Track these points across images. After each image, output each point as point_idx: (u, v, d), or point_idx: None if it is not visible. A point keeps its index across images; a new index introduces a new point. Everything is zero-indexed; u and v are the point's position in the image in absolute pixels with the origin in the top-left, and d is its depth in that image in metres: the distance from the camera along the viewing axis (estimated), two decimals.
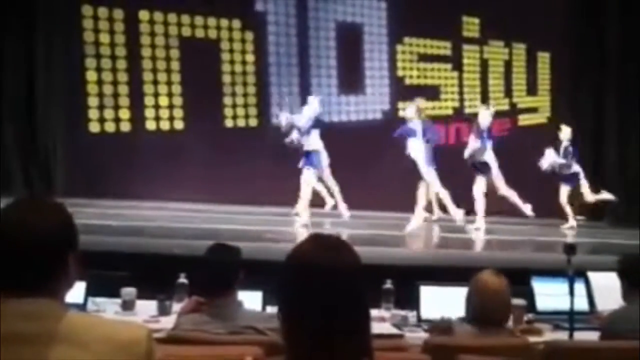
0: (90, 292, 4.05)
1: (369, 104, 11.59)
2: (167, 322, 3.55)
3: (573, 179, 9.81)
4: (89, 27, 10.48)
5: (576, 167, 9.75)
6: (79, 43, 10.41)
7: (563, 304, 3.87)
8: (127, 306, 4.04)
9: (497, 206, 9.38)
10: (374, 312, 3.88)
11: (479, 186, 8.98)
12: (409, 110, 9.00)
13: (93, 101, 10.46)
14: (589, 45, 11.02)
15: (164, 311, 3.99)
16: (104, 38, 10.55)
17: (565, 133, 9.80)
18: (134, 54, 10.60)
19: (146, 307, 4.07)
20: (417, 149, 8.64)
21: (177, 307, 3.85)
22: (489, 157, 9.05)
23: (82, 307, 3.93)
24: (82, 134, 10.24)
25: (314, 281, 1.48)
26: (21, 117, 9.78)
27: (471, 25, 11.88)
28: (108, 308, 4.05)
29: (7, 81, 9.88)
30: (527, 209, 9.25)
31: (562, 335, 3.83)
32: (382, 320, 3.98)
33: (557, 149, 9.76)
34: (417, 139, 8.66)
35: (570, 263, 3.79)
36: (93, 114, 10.45)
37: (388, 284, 4.31)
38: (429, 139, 8.71)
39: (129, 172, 9.84)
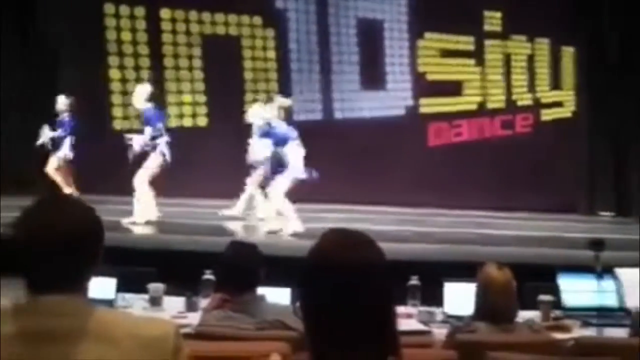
0: (119, 288, 4.09)
1: (391, 100, 11.55)
2: (194, 318, 3.56)
3: None
4: (111, 25, 10.58)
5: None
6: (102, 41, 10.50)
7: (590, 301, 3.83)
8: (155, 302, 4.07)
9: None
10: (400, 309, 3.89)
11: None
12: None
13: (117, 99, 10.55)
14: (612, 40, 10.89)
15: (191, 307, 4.01)
16: (126, 36, 10.63)
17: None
18: (155, 51, 10.67)
19: (174, 303, 4.09)
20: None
21: (203, 302, 3.86)
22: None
23: (111, 303, 3.96)
24: (106, 131, 10.32)
25: (336, 278, 1.43)
26: (43, 115, 9.84)
27: (493, 20, 11.79)
28: (136, 304, 4.09)
29: (31, 79, 9.99)
30: None
31: (591, 332, 3.79)
32: (408, 317, 3.97)
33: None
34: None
35: (598, 259, 3.74)
36: (117, 111, 10.55)
37: (414, 280, 4.29)
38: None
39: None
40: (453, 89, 11.65)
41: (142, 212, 7.84)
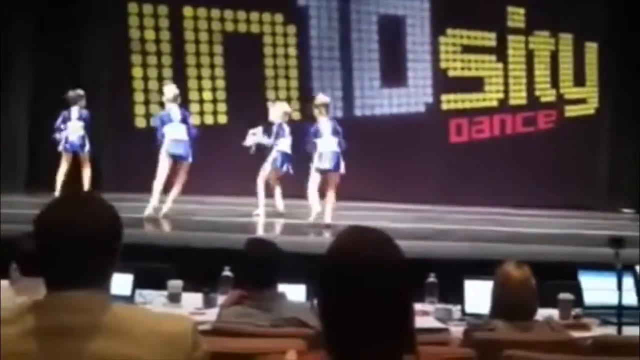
0: (137, 284, 4.13)
1: (412, 97, 11.51)
2: (212, 315, 3.58)
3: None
4: (134, 24, 10.67)
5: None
6: (125, 40, 10.59)
7: (610, 298, 3.80)
8: (174, 298, 4.11)
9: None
10: (417, 306, 3.89)
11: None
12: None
13: (139, 96, 10.64)
14: (636, 36, 10.76)
15: (209, 304, 4.04)
16: (149, 34, 10.72)
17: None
18: (178, 49, 10.74)
19: (192, 300, 4.12)
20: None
21: (222, 299, 3.89)
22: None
23: (129, 299, 4.00)
24: (128, 129, 10.41)
25: (354, 276, 1.43)
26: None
27: (516, 16, 11.70)
28: (155, 300, 4.11)
29: (54, 78, 10.09)
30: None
31: (610, 330, 3.76)
32: (425, 314, 3.96)
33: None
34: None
35: (618, 256, 3.71)
36: (139, 109, 10.63)
37: (432, 278, 4.29)
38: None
39: None
40: (475, 85, 11.59)
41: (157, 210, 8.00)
